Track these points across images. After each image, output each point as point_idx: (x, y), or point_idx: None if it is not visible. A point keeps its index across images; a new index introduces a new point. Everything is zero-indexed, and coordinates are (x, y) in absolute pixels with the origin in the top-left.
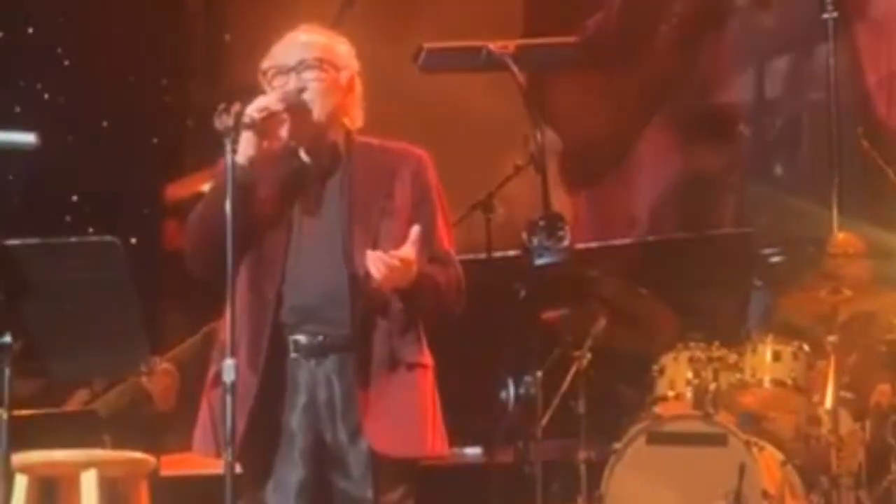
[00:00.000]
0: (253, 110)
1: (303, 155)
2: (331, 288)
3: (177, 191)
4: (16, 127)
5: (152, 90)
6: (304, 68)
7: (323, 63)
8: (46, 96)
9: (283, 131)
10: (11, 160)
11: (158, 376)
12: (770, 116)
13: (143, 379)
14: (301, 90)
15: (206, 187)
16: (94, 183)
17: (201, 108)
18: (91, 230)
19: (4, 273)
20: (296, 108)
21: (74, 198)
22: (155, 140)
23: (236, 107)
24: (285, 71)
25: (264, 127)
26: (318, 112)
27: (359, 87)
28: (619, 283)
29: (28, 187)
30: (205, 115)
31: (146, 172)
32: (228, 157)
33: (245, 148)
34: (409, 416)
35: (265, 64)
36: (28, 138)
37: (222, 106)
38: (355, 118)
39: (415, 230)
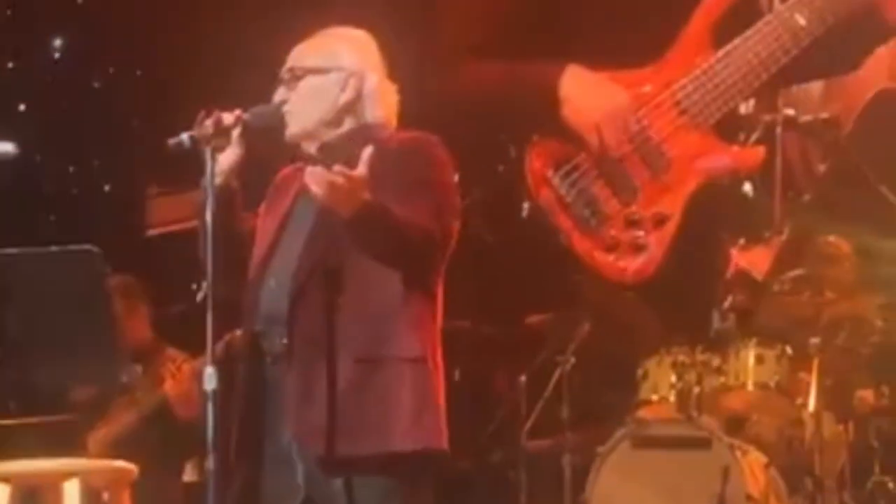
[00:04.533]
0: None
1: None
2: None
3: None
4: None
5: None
6: (287, 80)
7: (297, 70)
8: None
9: (237, 147)
10: None
11: (178, 382)
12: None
13: (167, 385)
14: (281, 103)
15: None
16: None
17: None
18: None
19: None
20: (265, 121)
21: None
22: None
23: (215, 114)
24: (279, 82)
25: (220, 142)
26: (294, 124)
27: (368, 86)
28: (603, 287)
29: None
30: None
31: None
32: (208, 165)
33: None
34: (342, 413)
35: None
36: (5, 147)
37: (202, 114)
38: (369, 116)
39: (367, 150)
